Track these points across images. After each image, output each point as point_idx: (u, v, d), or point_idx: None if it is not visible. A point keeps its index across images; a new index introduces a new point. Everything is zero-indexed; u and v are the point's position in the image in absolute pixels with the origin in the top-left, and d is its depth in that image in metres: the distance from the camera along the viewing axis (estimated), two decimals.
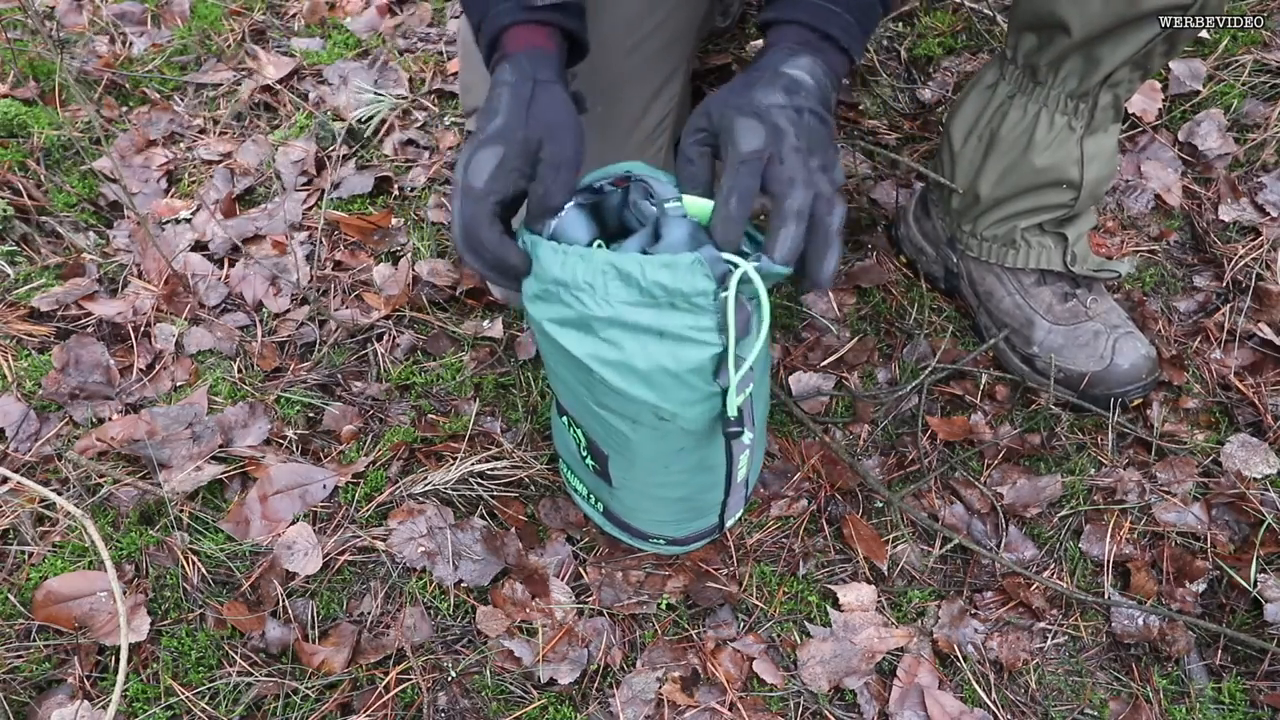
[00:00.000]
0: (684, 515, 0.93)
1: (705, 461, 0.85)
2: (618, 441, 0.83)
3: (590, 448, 0.88)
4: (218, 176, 1.37)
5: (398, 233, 1.29)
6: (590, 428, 0.85)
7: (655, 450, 0.82)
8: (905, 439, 1.10)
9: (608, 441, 0.84)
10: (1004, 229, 1.08)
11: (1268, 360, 1.15)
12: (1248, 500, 1.02)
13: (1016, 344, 1.11)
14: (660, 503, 0.90)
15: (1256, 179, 1.30)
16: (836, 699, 0.92)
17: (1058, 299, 1.08)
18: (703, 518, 0.94)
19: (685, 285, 0.68)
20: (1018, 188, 1.04)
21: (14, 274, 1.23)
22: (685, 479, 0.87)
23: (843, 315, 1.21)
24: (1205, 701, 0.92)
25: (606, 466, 0.88)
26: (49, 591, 0.93)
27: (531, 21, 0.78)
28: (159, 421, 1.07)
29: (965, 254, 1.14)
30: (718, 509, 0.93)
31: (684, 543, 0.97)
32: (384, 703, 0.90)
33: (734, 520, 1.00)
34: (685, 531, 0.95)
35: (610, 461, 0.86)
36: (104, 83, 1.50)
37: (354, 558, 0.99)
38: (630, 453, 0.83)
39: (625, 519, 0.95)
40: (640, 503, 0.91)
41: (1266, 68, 1.39)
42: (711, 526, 0.96)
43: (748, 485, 0.96)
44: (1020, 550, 1.02)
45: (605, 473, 0.89)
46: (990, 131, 1.05)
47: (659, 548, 0.99)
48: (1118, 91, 0.98)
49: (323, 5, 1.67)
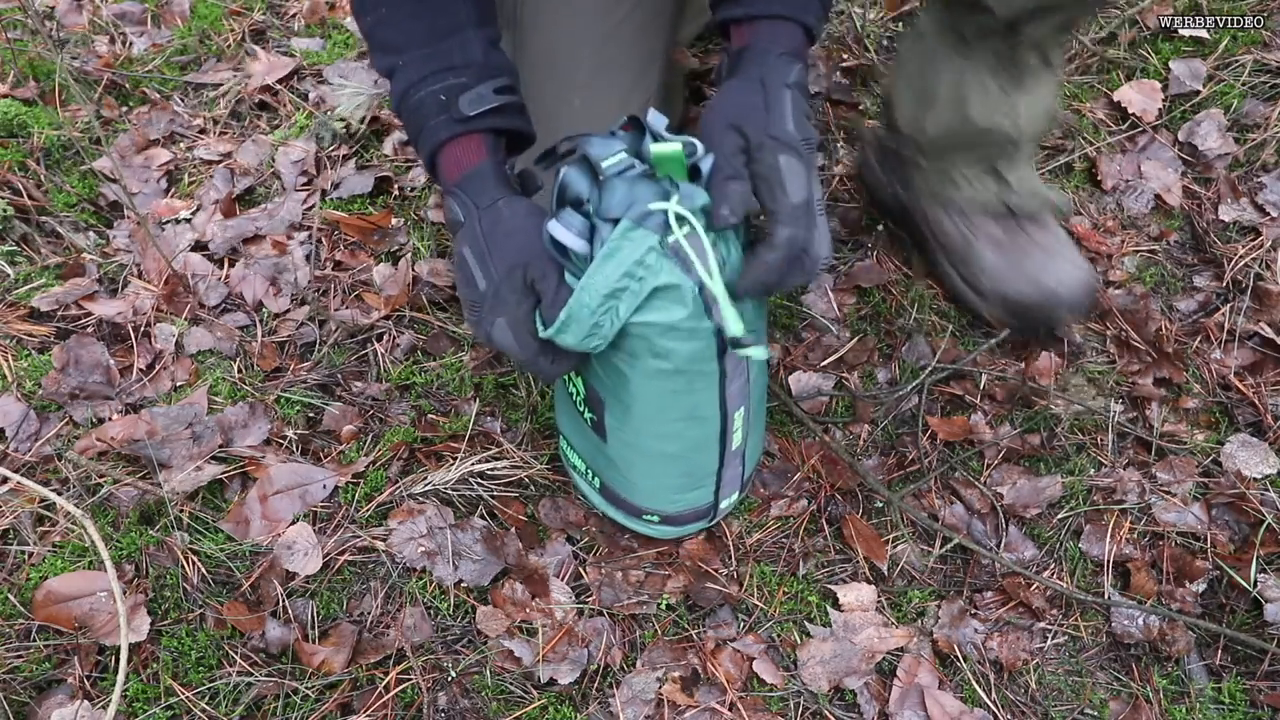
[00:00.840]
0: (678, 481, 0.93)
1: (699, 410, 0.85)
2: (615, 382, 0.84)
3: (588, 397, 0.89)
4: (218, 176, 1.37)
5: (398, 233, 1.29)
6: (589, 370, 0.87)
7: (650, 390, 0.83)
8: (905, 439, 1.10)
9: (605, 384, 0.86)
10: (947, 167, 1.11)
11: (1268, 360, 1.15)
12: (1248, 500, 1.02)
13: (960, 269, 1.12)
14: (654, 460, 0.90)
15: (1256, 179, 1.30)
16: (836, 699, 0.92)
17: (1000, 227, 1.10)
18: (696, 489, 0.94)
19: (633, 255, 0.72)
20: (957, 140, 1.07)
21: (14, 274, 1.23)
22: (679, 430, 0.87)
23: (843, 315, 1.21)
24: (1205, 701, 0.92)
25: (603, 415, 0.88)
26: (49, 591, 0.93)
27: (465, 133, 0.80)
28: (159, 421, 1.07)
29: (912, 185, 1.16)
30: (712, 480, 0.93)
31: (678, 522, 0.97)
32: (384, 703, 0.90)
33: (728, 504, 0.99)
34: (679, 506, 0.95)
35: (606, 409, 0.88)
36: (104, 83, 1.50)
37: (354, 558, 0.99)
38: (627, 395, 0.84)
39: (620, 492, 0.95)
40: (635, 460, 0.91)
41: (1266, 68, 1.39)
42: (706, 506, 0.96)
43: (744, 463, 0.96)
44: (1020, 550, 1.02)
45: (601, 424, 0.89)
46: (926, 88, 1.07)
47: (652, 528, 0.98)
48: (1043, 49, 1.00)
49: (323, 5, 1.67)
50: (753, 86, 0.77)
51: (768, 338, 1.18)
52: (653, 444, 0.89)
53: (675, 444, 0.89)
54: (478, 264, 0.78)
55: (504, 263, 0.77)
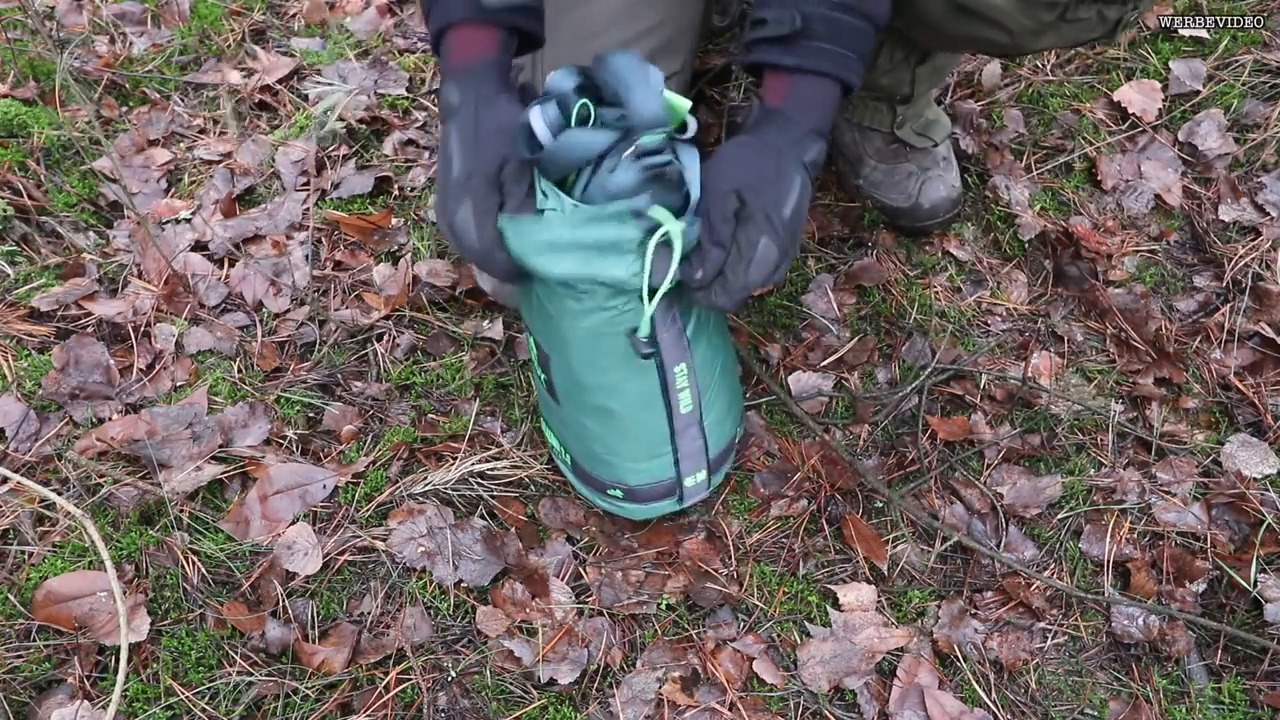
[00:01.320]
0: (631, 447, 0.92)
1: (632, 361, 0.85)
2: (553, 331, 0.86)
3: (540, 355, 0.91)
4: (218, 176, 1.37)
5: (397, 233, 1.29)
6: (535, 325, 0.89)
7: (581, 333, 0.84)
8: (905, 439, 1.10)
9: (547, 336, 0.88)
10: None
11: (1268, 360, 1.15)
12: (1248, 500, 1.02)
13: (849, 173, 1.29)
14: (598, 418, 0.91)
15: (1256, 179, 1.30)
16: (836, 699, 0.92)
17: (885, 143, 1.24)
18: (653, 458, 0.93)
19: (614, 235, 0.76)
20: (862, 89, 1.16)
21: (14, 274, 1.23)
22: (614, 382, 0.87)
23: (843, 315, 1.21)
24: (1205, 701, 0.92)
25: (550, 372, 0.91)
26: (49, 591, 0.93)
27: (478, 21, 0.81)
28: (159, 421, 1.07)
29: None
30: (668, 449, 0.93)
31: (642, 498, 0.96)
32: (384, 703, 0.90)
33: (694, 484, 0.97)
34: (640, 479, 0.94)
35: (552, 365, 0.90)
36: (104, 83, 1.50)
37: (354, 558, 0.99)
38: (562, 342, 0.86)
39: (583, 465, 0.96)
40: (582, 421, 0.92)
41: (1266, 68, 1.39)
42: (670, 480, 0.95)
43: (704, 436, 0.95)
44: (1020, 550, 1.02)
45: (551, 384, 0.92)
46: None
47: (619, 507, 0.98)
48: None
49: (323, 5, 1.67)
50: (769, 154, 0.78)
51: (769, 339, 1.18)
52: (593, 399, 0.89)
53: (615, 399, 0.89)
54: (459, 149, 0.79)
55: (486, 154, 0.78)
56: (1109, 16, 0.87)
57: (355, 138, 1.42)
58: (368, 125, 1.42)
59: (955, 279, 1.25)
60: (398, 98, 1.47)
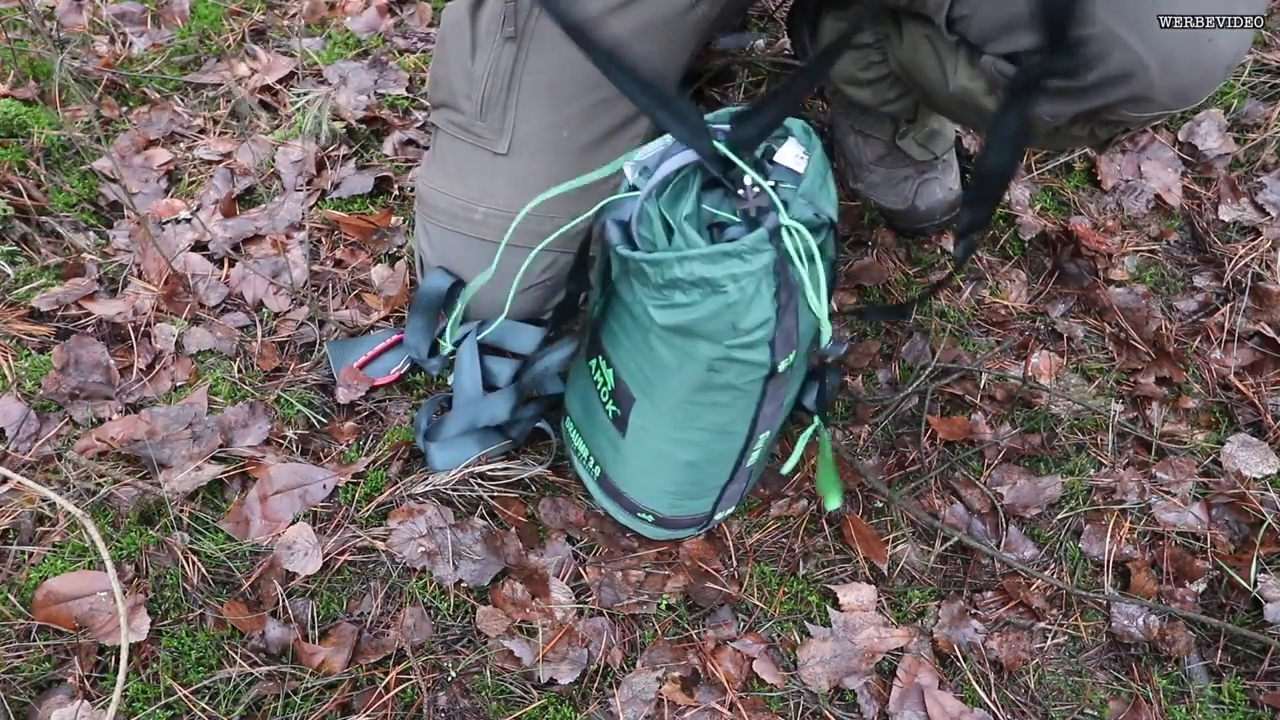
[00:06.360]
0: (685, 489, 0.92)
1: (730, 426, 0.85)
2: (657, 375, 0.83)
3: (616, 390, 0.88)
4: (218, 176, 1.37)
5: (397, 233, 1.29)
6: (626, 365, 0.85)
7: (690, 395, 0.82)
8: (905, 439, 1.10)
9: (641, 379, 0.84)
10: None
11: (1268, 360, 1.15)
12: (1248, 500, 1.02)
13: (848, 176, 1.31)
14: (670, 464, 0.90)
15: (1256, 179, 1.30)
16: (836, 699, 0.92)
17: (886, 149, 1.26)
18: (699, 499, 0.94)
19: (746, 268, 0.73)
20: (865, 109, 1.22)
21: (14, 274, 1.23)
22: (704, 439, 0.87)
23: (843, 315, 1.21)
24: (1205, 701, 0.92)
25: (628, 412, 0.87)
26: (49, 591, 0.93)
27: None
28: (159, 421, 1.07)
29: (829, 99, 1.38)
30: (716, 493, 0.93)
31: (671, 525, 0.97)
32: (384, 703, 0.90)
33: (722, 517, 1.00)
34: (677, 511, 0.95)
35: (635, 406, 0.86)
36: (104, 83, 1.50)
37: (354, 558, 0.99)
38: (664, 391, 0.83)
39: (620, 485, 0.95)
40: (649, 461, 0.90)
41: (1266, 68, 1.39)
42: (703, 514, 0.96)
43: (749, 480, 0.96)
44: (1020, 550, 1.02)
45: (624, 420, 0.88)
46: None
47: (644, 527, 0.98)
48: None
49: (323, 5, 1.67)
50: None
51: None
52: (673, 449, 0.88)
53: (696, 452, 0.88)
54: None
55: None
56: (1100, 135, 0.90)
57: (355, 138, 1.42)
58: (368, 125, 1.42)
59: (955, 278, 1.25)
60: (398, 98, 1.47)
